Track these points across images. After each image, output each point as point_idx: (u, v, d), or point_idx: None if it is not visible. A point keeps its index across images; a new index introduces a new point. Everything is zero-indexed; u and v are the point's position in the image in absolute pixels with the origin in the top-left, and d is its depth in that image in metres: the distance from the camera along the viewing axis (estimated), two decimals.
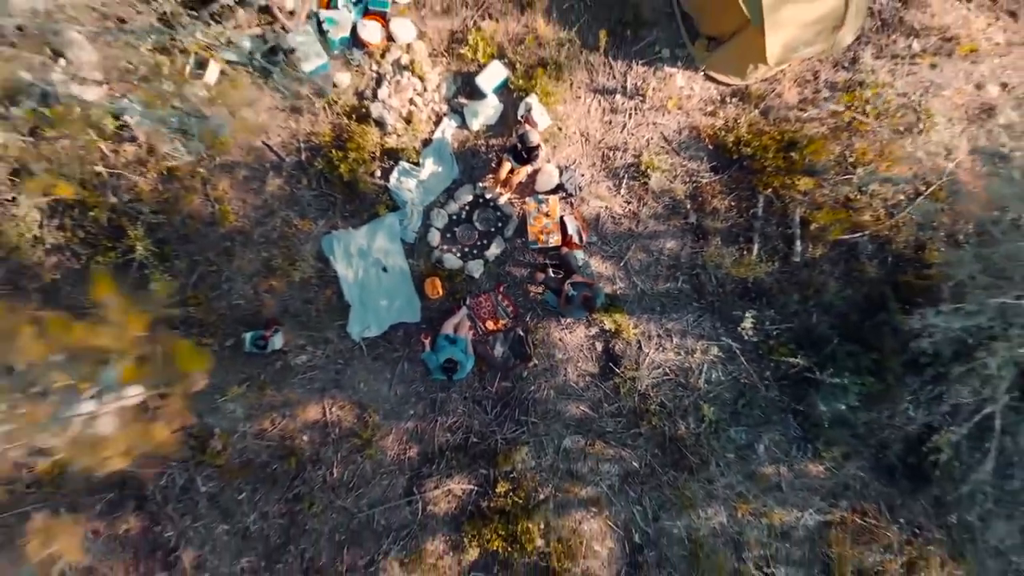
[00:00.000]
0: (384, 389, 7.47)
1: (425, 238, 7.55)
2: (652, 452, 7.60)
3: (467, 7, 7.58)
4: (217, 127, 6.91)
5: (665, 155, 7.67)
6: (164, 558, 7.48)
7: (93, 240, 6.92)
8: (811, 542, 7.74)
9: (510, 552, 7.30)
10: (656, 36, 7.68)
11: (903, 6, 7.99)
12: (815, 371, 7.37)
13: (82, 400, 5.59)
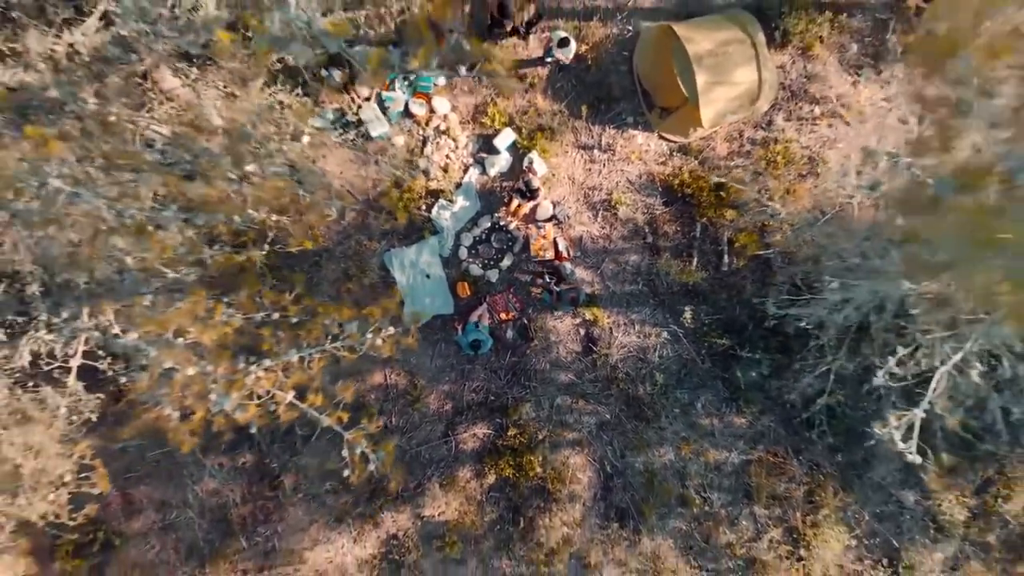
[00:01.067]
0: (427, 362, 10.52)
1: (457, 253, 10.59)
2: (620, 407, 10.59)
3: (487, 88, 10.63)
4: (311, 174, 9.99)
5: (630, 193, 10.67)
6: (270, 482, 10.56)
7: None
8: (736, 474, 10.70)
9: (517, 477, 10.32)
10: (623, 107, 10.68)
11: (808, 81, 10.93)
12: (736, 349, 10.34)
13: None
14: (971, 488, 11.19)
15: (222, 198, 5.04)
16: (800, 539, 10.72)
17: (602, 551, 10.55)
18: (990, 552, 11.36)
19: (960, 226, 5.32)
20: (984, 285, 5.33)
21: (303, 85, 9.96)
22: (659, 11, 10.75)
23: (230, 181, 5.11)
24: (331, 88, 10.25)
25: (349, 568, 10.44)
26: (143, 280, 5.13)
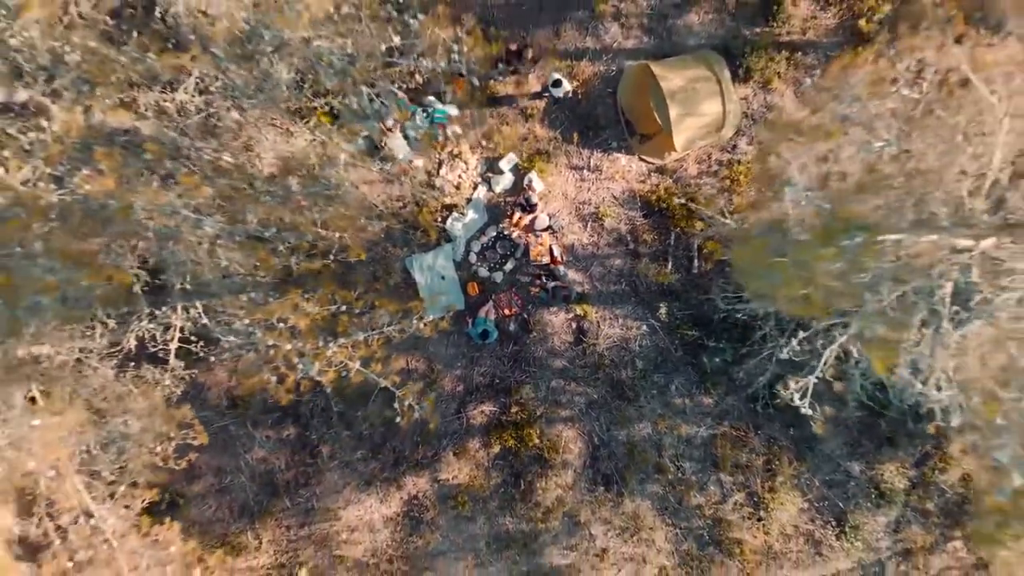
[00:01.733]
0: (443, 349, 12.48)
1: (467, 258, 12.54)
2: (605, 389, 12.51)
3: (493, 118, 12.59)
4: (348, 194, 11.98)
5: (614, 207, 12.60)
6: (310, 452, 12.55)
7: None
8: (705, 446, 12.60)
9: (518, 448, 12.27)
10: (608, 134, 12.61)
11: (768, 111, 12.81)
12: (704, 340, 12.24)
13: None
14: (911, 460, 13.06)
15: (304, 222, 7.00)
16: (760, 502, 12.62)
17: (590, 511, 12.49)
18: (929, 518, 13.22)
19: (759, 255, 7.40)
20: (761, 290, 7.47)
21: (339, 118, 11.92)
22: (639, 51, 12.67)
23: (309, 208, 7.09)
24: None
25: (376, 524, 12.44)
26: (245, 282, 7.10)
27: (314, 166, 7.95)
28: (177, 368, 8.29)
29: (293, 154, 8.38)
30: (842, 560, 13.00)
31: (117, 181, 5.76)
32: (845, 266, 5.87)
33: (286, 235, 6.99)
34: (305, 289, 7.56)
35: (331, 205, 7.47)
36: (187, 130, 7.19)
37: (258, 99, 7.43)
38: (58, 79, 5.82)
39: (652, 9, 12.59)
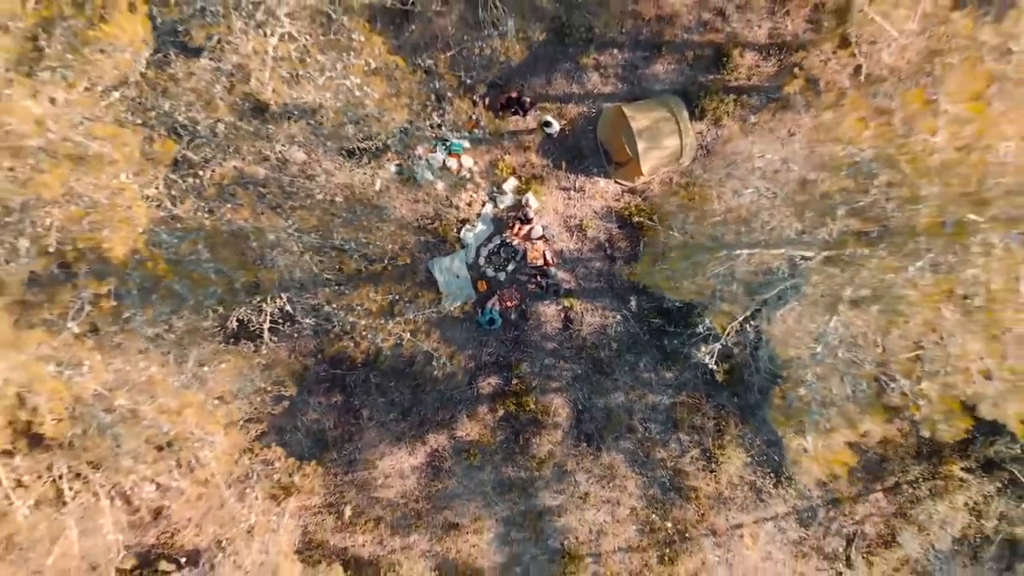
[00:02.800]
0: (458, 334, 15.83)
1: (477, 261, 15.88)
2: (587, 366, 15.81)
3: (498, 149, 15.93)
4: (385, 210, 15.38)
5: (595, 220, 15.90)
6: (353, 414, 15.92)
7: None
8: (667, 411, 15.87)
9: (518, 412, 15.59)
10: (590, 162, 15.91)
11: (721, 144, 16.04)
12: (666, 326, 15.51)
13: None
14: None
15: (371, 239, 10.37)
16: (711, 457, 15.88)
17: (575, 462, 15.80)
18: (853, 473, 16.39)
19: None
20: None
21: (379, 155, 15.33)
22: (614, 95, 15.97)
23: (371, 228, 10.46)
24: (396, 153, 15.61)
25: (405, 472, 15.82)
26: (329, 280, 10.48)
27: (372, 196, 11.34)
28: (270, 342, 11.71)
29: (352, 184, 11.79)
30: (780, 505, 16.25)
31: (251, 211, 9.11)
32: (692, 270, 9.10)
33: (359, 247, 10.33)
34: (372, 284, 10.97)
35: (383, 224, 10.83)
36: (291, 176, 10.59)
37: (330, 147, 10.83)
38: (211, 142, 9.17)
39: (625, 61, 15.90)
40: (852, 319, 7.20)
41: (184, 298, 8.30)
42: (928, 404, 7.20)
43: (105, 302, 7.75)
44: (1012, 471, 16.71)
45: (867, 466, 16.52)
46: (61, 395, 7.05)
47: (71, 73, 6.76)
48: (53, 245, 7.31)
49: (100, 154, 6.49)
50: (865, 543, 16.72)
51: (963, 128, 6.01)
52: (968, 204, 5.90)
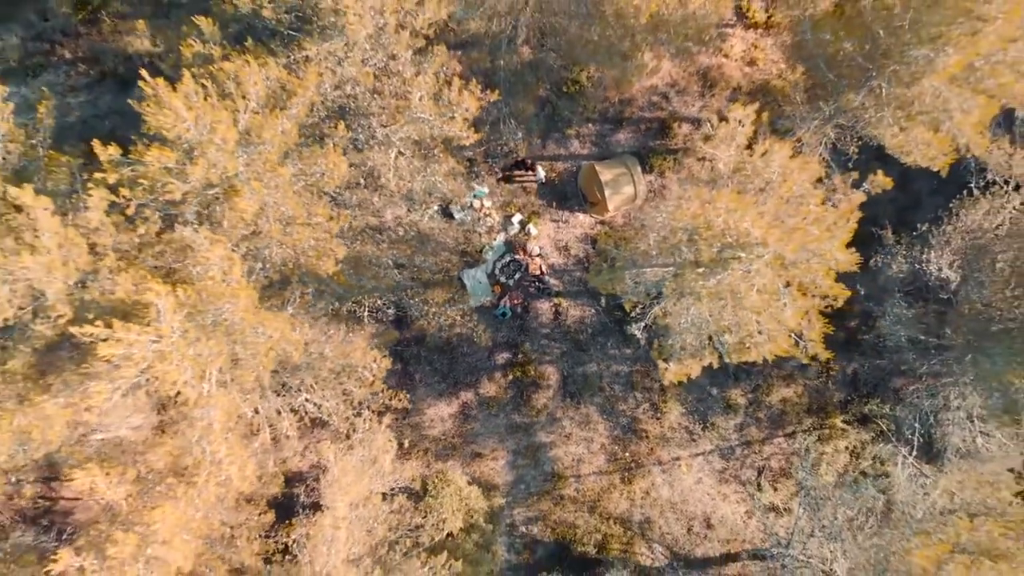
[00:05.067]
0: (482, 321, 23.20)
1: (493, 272, 23.26)
2: (570, 345, 23.18)
3: (508, 194, 23.33)
4: (433, 238, 22.84)
5: (577, 242, 23.31)
6: (409, 377, 23.26)
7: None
8: (627, 377, 23.20)
9: (522, 377, 22.95)
10: (573, 202, 23.34)
11: (663, 188, 23.41)
12: (625, 316, 22.86)
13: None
14: (749, 387, 23.57)
15: (436, 260, 17.75)
16: (658, 408, 23.17)
17: (562, 412, 23.14)
18: (760, 422, 23.73)
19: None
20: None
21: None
22: (589, 156, 23.38)
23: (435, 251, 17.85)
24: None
25: (444, 417, 23.14)
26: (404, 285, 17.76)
27: (427, 230, 18.78)
28: (380, 326, 19.10)
29: (418, 223, 19.24)
30: (706, 444, 23.53)
31: (373, 245, 16.48)
32: (620, 277, 16.29)
33: (428, 264, 17.61)
34: (435, 287, 18.35)
35: (441, 250, 18.23)
36: (390, 224, 18.03)
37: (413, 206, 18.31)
38: (354, 208, 16.54)
39: (597, 132, 23.33)
40: (691, 305, 14.38)
41: (340, 295, 15.65)
42: (730, 347, 14.44)
43: (304, 297, 15.16)
44: (879, 424, 23.92)
45: (770, 417, 23.82)
46: (296, 344, 14.35)
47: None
48: (278, 266, 14.78)
49: (320, 222, 13.92)
50: (771, 473, 23.97)
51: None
52: (731, 247, 13.10)
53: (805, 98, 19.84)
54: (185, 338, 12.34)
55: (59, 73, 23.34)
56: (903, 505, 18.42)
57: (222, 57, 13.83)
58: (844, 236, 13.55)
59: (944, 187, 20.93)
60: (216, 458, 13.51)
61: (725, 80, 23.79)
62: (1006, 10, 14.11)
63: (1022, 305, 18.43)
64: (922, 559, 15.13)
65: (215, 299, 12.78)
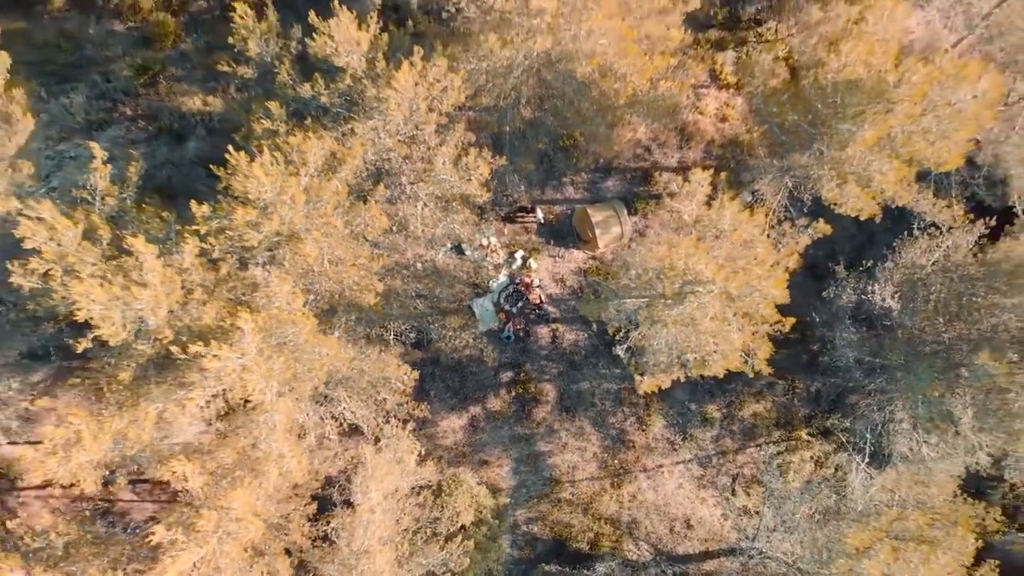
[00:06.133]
0: (489, 344, 26.84)
1: (499, 300, 26.95)
2: (567, 365, 26.80)
3: (511, 232, 27.13)
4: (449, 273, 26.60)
5: (571, 275, 27.06)
6: (426, 392, 26.82)
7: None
8: (616, 394, 26.77)
9: (523, 394, 26.52)
10: (568, 239, 27.15)
11: (645, 228, 27.24)
12: (615, 340, 26.52)
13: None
14: (722, 403, 27.16)
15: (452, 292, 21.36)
16: (643, 421, 26.71)
17: (559, 424, 26.66)
18: (734, 435, 27.29)
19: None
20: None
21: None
22: (582, 200, 27.23)
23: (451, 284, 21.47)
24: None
25: (456, 429, 26.64)
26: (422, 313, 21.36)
27: (443, 267, 22.47)
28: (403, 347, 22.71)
29: (434, 259, 22.98)
30: (686, 454, 27.04)
31: (400, 280, 20.11)
32: (604, 306, 19.91)
33: (445, 294, 21.22)
34: (450, 314, 21.99)
35: (455, 283, 21.91)
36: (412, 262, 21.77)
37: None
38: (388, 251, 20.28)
39: (588, 180, 27.21)
40: (662, 330, 18.00)
41: (374, 321, 19.31)
42: (692, 364, 18.09)
43: (348, 323, 18.83)
44: (839, 436, 27.44)
45: (743, 430, 27.37)
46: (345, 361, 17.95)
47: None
48: (327, 298, 18.50)
49: (363, 263, 17.64)
50: (744, 480, 27.44)
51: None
52: (690, 284, 16.85)
53: (767, 153, 23.72)
54: (261, 355, 15.98)
55: (121, 128, 27.22)
56: (848, 501, 21.86)
57: (287, 132, 17.66)
58: (780, 275, 17.27)
59: (896, 226, 24.80)
60: (280, 452, 17.08)
61: (700, 134, 27.76)
62: (911, 94, 18.01)
63: (947, 331, 22.14)
64: (855, 541, 18.60)
65: (284, 325, 16.46)
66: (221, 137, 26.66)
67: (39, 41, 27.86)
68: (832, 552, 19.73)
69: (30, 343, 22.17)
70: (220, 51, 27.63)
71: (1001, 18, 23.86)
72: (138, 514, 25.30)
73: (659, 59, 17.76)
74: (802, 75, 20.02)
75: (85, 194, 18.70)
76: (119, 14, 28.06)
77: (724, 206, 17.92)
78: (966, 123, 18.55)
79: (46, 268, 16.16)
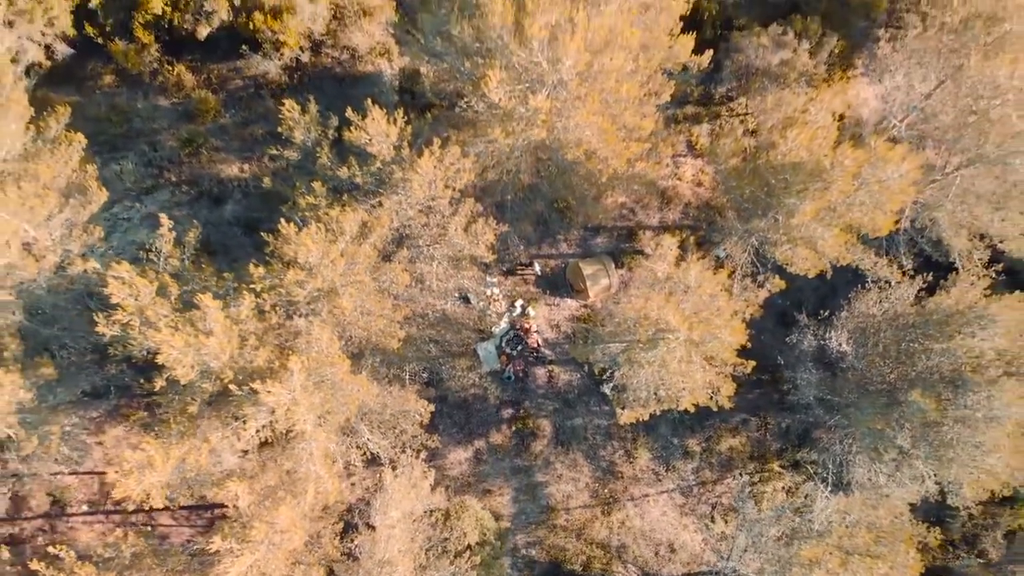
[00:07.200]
0: (492, 383, 30.46)
1: (501, 344, 30.68)
2: (561, 403, 30.40)
3: (512, 284, 31.04)
4: (457, 320, 30.42)
5: (566, 320, 30.87)
6: (436, 429, 30.34)
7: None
8: (606, 429, 30.33)
9: (523, 428, 30.06)
10: (562, 291, 31.05)
11: (631, 278, 31.17)
12: (606, 381, 30.20)
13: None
14: (701, 438, 30.72)
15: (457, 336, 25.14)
16: (630, 453, 30.20)
17: (555, 457, 30.12)
18: (713, 467, 30.78)
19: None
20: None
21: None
22: (575, 255, 31.22)
23: (459, 329, 25.32)
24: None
25: (462, 461, 30.05)
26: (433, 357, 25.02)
27: (452, 315, 26.27)
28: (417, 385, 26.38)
29: (444, 308, 26.80)
30: (670, 484, 30.46)
31: (416, 328, 23.87)
32: (591, 349, 23.57)
33: (454, 340, 24.91)
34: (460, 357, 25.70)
35: (462, 328, 25.65)
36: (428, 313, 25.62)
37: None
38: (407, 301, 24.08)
39: (580, 237, 31.25)
40: (639, 370, 21.67)
41: (394, 363, 23.01)
42: (665, 399, 21.79)
43: (373, 365, 22.55)
44: (808, 468, 30.92)
45: (720, 462, 30.86)
46: (374, 396, 21.55)
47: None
48: (357, 343, 22.28)
49: (388, 314, 21.47)
50: (722, 508, 30.81)
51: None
52: (661, 331, 20.61)
53: (735, 216, 27.78)
54: (306, 391, 19.67)
55: (166, 192, 31.32)
56: (808, 523, 25.26)
57: (327, 205, 21.64)
58: (738, 325, 21.08)
59: (857, 279, 28.69)
60: (318, 474, 20.63)
61: (679, 197, 31.92)
62: (844, 175, 22.09)
63: (891, 372, 25.88)
64: (807, 554, 22.02)
65: (323, 365, 20.19)
66: (255, 200, 30.97)
67: (92, 114, 32.09)
68: (790, 564, 23.10)
69: (94, 382, 25.76)
70: (254, 124, 32.20)
71: (935, 102, 28.16)
72: (176, 537, 28.58)
73: (634, 145, 21.84)
74: (758, 155, 24.16)
75: (152, 255, 22.63)
76: (164, 90, 32.32)
77: (691, 266, 21.84)
78: (893, 197, 22.61)
79: (127, 319, 19.91)
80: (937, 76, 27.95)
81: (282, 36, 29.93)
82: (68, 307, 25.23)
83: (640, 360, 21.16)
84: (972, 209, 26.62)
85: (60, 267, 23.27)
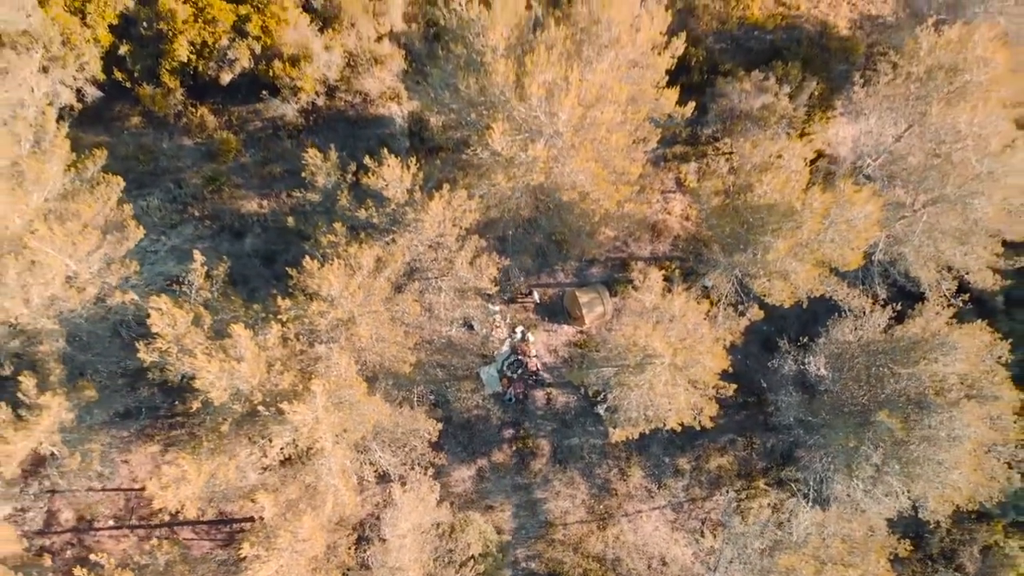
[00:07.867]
0: (494, 405, 32.79)
1: (502, 368, 33.06)
2: (559, 423, 32.70)
3: (513, 311, 33.53)
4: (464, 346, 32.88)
5: (563, 346, 33.29)
6: (443, 449, 32.57)
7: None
8: (602, 448, 32.59)
9: (523, 448, 32.32)
10: (559, 316, 33.50)
11: (624, 304, 33.66)
12: (602, 403, 32.53)
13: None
14: (691, 457, 32.99)
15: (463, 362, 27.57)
16: (624, 472, 32.45)
17: (553, 475, 32.34)
18: (702, 484, 33.03)
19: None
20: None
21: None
22: (571, 283, 33.73)
23: (462, 355, 27.79)
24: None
25: (466, 479, 32.27)
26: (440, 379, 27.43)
27: (457, 340, 28.74)
28: (425, 406, 28.71)
29: (448, 334, 29.27)
30: (661, 501, 32.65)
31: (425, 354, 26.35)
32: (586, 373, 25.93)
33: (459, 364, 27.35)
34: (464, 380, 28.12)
35: (467, 353, 28.09)
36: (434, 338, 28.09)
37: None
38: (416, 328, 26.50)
39: (576, 270, 33.80)
40: (629, 392, 23.99)
41: (403, 385, 25.41)
42: (654, 418, 24.08)
43: (386, 387, 24.92)
44: (792, 486, 33.14)
45: (710, 480, 33.10)
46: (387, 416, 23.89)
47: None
48: (371, 368, 24.71)
49: (400, 340, 23.90)
50: (711, 524, 32.97)
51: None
52: (648, 357, 22.92)
53: (719, 249, 30.34)
54: (327, 411, 22.04)
55: (190, 227, 33.87)
56: (788, 536, 27.46)
57: (346, 243, 24.16)
58: (718, 350, 23.50)
59: (836, 307, 31.16)
60: (336, 487, 22.92)
61: (668, 231, 34.52)
62: (813, 216, 24.65)
63: (864, 395, 28.26)
64: (784, 563, 24.24)
65: (342, 388, 22.58)
66: (273, 234, 33.55)
67: (121, 153, 34.72)
68: (769, 572, 25.29)
69: (127, 404, 28.09)
70: (272, 163, 34.85)
71: (904, 145, 30.85)
72: (196, 550, 30.71)
73: (624, 188, 24.45)
74: (737, 195, 26.78)
75: (184, 287, 25.11)
76: (188, 131, 35.02)
77: (675, 297, 24.33)
78: (859, 235, 25.18)
79: (165, 347, 22.30)
80: (906, 121, 30.68)
81: (299, 82, 32.67)
82: (102, 334, 27.63)
83: (630, 383, 23.54)
84: (938, 244, 29.16)
85: (99, 298, 25.69)
